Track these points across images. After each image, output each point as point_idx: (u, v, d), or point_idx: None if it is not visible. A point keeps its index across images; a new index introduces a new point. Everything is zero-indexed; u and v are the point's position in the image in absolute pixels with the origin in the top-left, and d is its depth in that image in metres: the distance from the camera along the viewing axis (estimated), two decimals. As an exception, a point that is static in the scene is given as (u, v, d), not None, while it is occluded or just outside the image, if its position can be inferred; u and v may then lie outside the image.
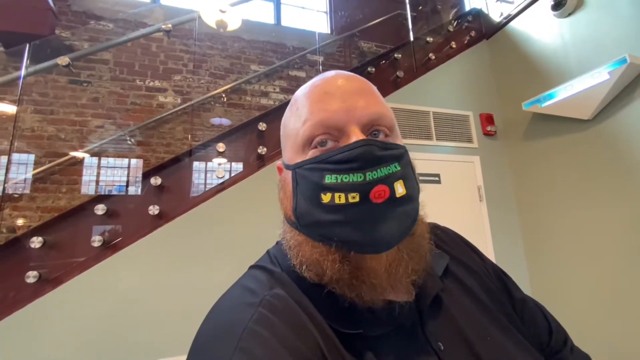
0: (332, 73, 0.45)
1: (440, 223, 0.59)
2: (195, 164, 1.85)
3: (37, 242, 1.43)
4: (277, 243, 0.48)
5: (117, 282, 1.48)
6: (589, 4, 2.00)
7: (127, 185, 2.75)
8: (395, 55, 2.47)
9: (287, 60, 3.52)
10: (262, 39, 3.51)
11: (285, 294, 0.39)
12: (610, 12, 1.88)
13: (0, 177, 1.81)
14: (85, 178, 2.67)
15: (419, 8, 3.26)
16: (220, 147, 1.85)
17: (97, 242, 1.49)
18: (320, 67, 3.21)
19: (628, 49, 1.69)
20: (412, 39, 2.63)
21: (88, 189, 2.65)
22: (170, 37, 3.03)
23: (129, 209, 1.67)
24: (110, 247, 1.52)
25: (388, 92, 2.31)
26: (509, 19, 2.55)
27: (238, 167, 1.89)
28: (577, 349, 0.53)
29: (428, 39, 2.64)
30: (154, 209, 1.59)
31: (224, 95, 3.22)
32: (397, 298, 0.39)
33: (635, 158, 1.72)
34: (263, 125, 1.92)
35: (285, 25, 3.74)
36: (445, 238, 0.56)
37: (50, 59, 1.85)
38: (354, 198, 0.36)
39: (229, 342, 0.33)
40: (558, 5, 2.11)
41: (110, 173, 2.73)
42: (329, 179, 0.37)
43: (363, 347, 0.37)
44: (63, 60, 1.80)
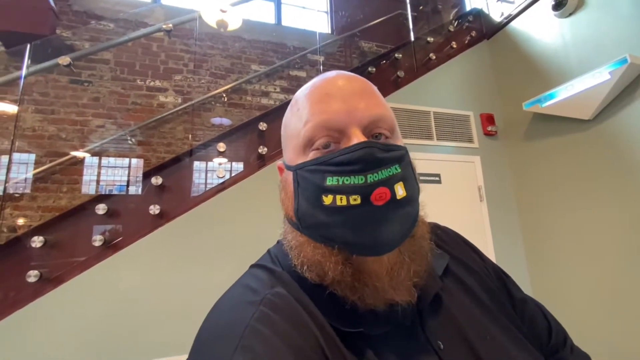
0: (333, 73, 0.44)
1: (441, 223, 0.60)
2: (196, 164, 1.85)
3: (38, 241, 1.43)
4: (277, 242, 0.48)
5: (117, 281, 1.48)
6: (590, 4, 2.00)
7: (127, 185, 2.75)
8: (396, 55, 2.47)
9: (287, 60, 3.52)
10: (262, 39, 3.51)
11: (286, 293, 0.39)
12: (611, 12, 1.88)
13: (1, 176, 1.82)
14: (86, 178, 2.67)
15: (420, 8, 3.26)
16: (221, 146, 1.86)
17: (97, 241, 1.49)
18: (321, 67, 3.21)
19: (629, 49, 1.69)
20: (412, 39, 2.63)
21: (89, 189, 2.65)
22: (171, 36, 3.03)
23: (130, 209, 1.67)
24: (111, 246, 1.52)
25: (389, 92, 2.31)
26: (510, 19, 2.55)
27: (239, 166, 1.89)
28: (576, 349, 0.53)
29: (429, 39, 2.64)
30: (155, 209, 1.60)
31: (225, 95, 3.22)
32: (398, 300, 0.39)
33: (636, 158, 1.72)
34: (264, 125, 1.93)
35: (286, 25, 3.74)
36: (446, 238, 0.56)
37: (51, 59, 1.86)
38: (355, 200, 0.36)
39: (231, 340, 0.33)
40: (559, 5, 2.11)
41: (111, 173, 2.74)
42: (331, 181, 0.37)
43: (363, 345, 0.37)
44: (64, 60, 1.80)
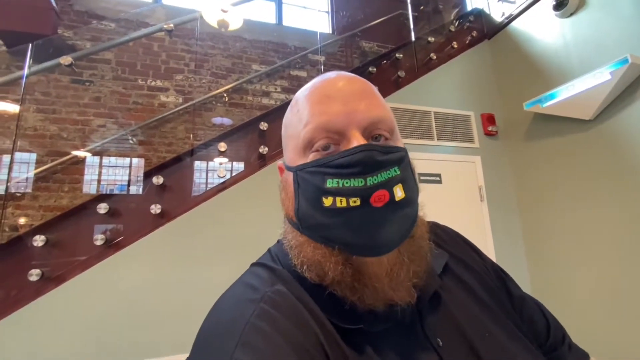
0: (333, 74, 0.44)
1: (441, 223, 0.60)
2: (197, 164, 1.86)
3: (39, 240, 1.44)
4: (278, 241, 0.49)
5: (118, 280, 1.49)
6: (591, 4, 1.99)
7: (128, 185, 2.76)
8: (397, 55, 2.47)
9: (288, 60, 3.52)
10: (263, 39, 3.51)
11: (287, 290, 0.39)
12: (612, 12, 1.88)
13: (3, 176, 1.83)
14: (87, 177, 2.68)
15: (421, 8, 3.26)
16: (222, 146, 1.86)
17: (99, 240, 1.49)
18: (322, 67, 3.22)
19: (629, 49, 1.69)
20: (413, 39, 2.63)
21: (90, 188, 2.66)
22: (172, 36, 3.03)
23: (131, 208, 1.67)
24: (112, 245, 1.53)
25: (389, 92, 2.31)
26: (511, 19, 2.55)
27: (239, 166, 1.90)
28: (575, 346, 0.53)
29: (429, 39, 2.64)
30: (156, 208, 1.60)
31: (226, 95, 3.22)
32: (398, 300, 0.39)
33: (637, 158, 1.72)
34: (264, 125, 1.93)
35: (287, 25, 3.74)
36: (445, 237, 0.56)
37: (53, 59, 1.86)
38: (355, 202, 0.36)
39: (231, 337, 0.34)
40: (560, 5, 2.11)
41: (112, 172, 2.74)
42: (331, 183, 0.38)
43: (363, 342, 0.38)
44: (66, 60, 1.81)
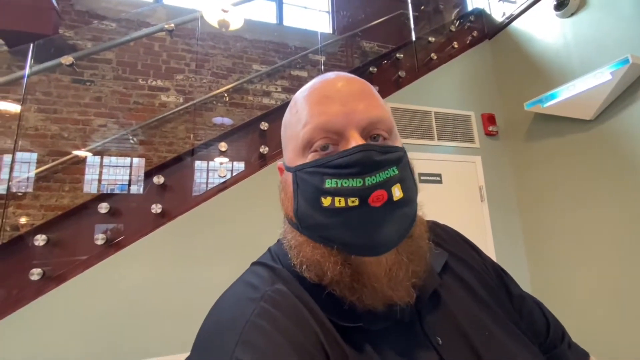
0: (332, 75, 0.44)
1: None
2: (198, 163, 1.86)
3: (40, 240, 1.44)
4: (278, 241, 0.49)
5: (119, 280, 1.49)
6: (592, 4, 1.99)
7: (129, 184, 2.76)
8: (397, 55, 2.47)
9: (289, 60, 3.52)
10: (264, 39, 3.51)
11: (287, 290, 0.39)
12: (613, 12, 1.88)
13: (5, 175, 1.83)
14: (88, 177, 2.69)
15: (421, 8, 3.26)
16: (223, 146, 1.86)
17: (100, 240, 1.50)
18: (322, 66, 3.21)
19: (630, 49, 1.69)
20: (414, 39, 2.63)
21: (91, 188, 2.66)
22: (173, 36, 3.03)
23: (132, 208, 1.68)
24: (113, 245, 1.53)
25: (390, 92, 2.31)
26: (512, 19, 2.54)
27: (240, 166, 1.90)
28: (574, 345, 0.53)
29: (430, 39, 2.64)
30: (157, 208, 1.60)
31: (226, 95, 3.23)
32: (397, 300, 0.39)
33: (637, 158, 1.71)
34: (265, 125, 1.93)
35: (288, 25, 3.74)
36: (445, 236, 0.56)
37: (54, 58, 1.86)
38: (354, 202, 0.37)
39: (232, 335, 0.34)
40: (560, 6, 2.11)
41: (113, 172, 2.75)
42: (329, 184, 0.38)
43: (362, 340, 0.38)
44: (67, 60, 1.81)
